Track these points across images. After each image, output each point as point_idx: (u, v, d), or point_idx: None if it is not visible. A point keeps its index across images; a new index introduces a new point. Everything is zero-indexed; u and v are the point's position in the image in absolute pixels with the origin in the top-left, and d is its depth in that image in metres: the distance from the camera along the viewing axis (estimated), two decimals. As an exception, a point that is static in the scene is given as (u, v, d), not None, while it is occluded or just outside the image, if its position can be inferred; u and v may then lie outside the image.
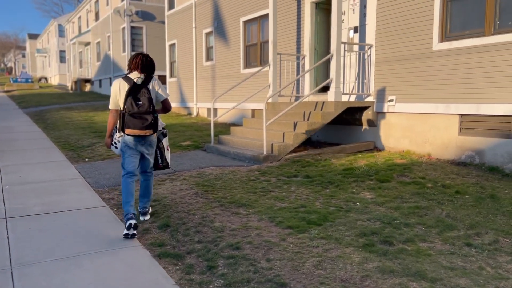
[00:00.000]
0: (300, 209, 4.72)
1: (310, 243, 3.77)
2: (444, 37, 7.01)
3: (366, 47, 8.32)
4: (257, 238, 3.92)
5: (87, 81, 34.98)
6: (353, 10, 8.69)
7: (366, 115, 8.26)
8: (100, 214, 4.78)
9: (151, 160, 4.54)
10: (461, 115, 6.82)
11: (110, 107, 4.38)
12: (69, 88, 36.86)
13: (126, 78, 4.30)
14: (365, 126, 8.51)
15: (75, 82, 35.06)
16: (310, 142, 9.14)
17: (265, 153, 7.37)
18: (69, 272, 3.29)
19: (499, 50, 6.21)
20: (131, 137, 4.29)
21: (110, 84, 28.99)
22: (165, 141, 4.71)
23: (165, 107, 4.49)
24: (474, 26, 6.62)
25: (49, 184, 6.12)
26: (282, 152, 7.46)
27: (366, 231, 4.01)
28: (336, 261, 3.41)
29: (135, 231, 4.02)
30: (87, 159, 8.09)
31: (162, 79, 25.98)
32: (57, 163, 7.69)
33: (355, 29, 8.66)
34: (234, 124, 12.87)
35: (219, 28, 13.81)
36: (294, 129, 7.88)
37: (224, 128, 12.10)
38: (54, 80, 49.59)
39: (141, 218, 4.61)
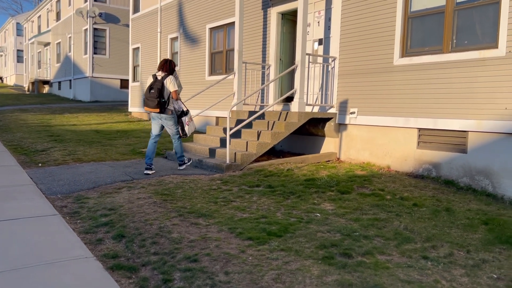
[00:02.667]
0: (261, 220, 4.66)
1: (270, 255, 3.70)
2: (405, 53, 7.21)
3: (330, 59, 8.44)
4: (216, 250, 3.81)
5: (46, 82, 33.74)
6: (318, 22, 8.81)
7: (329, 126, 8.35)
8: (51, 223, 4.52)
9: (171, 131, 6.96)
10: (420, 129, 7.01)
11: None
12: (26, 89, 35.43)
13: (153, 75, 6.78)
14: (327, 137, 8.59)
15: (33, 83, 33.72)
16: (273, 152, 9.14)
17: (228, 161, 7.29)
18: (13, 286, 3.06)
19: (456, 68, 6.45)
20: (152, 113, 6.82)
21: (70, 87, 28.13)
22: (184, 119, 6.94)
23: (172, 96, 6.73)
24: (433, 43, 6.85)
25: (-4, 190, 5.77)
26: (245, 161, 7.39)
27: (326, 243, 3.99)
28: (296, 274, 3.36)
29: (149, 172, 6.77)
30: (40, 164, 7.71)
31: (125, 84, 25.47)
32: (7, 168, 7.29)
33: (320, 41, 8.78)
34: (198, 132, 12.70)
35: (185, 34, 13.66)
36: (258, 138, 7.85)
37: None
38: (10, 81, 47.53)
39: (179, 168, 7.26)
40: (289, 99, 8.99)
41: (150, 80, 6.76)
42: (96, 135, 11.68)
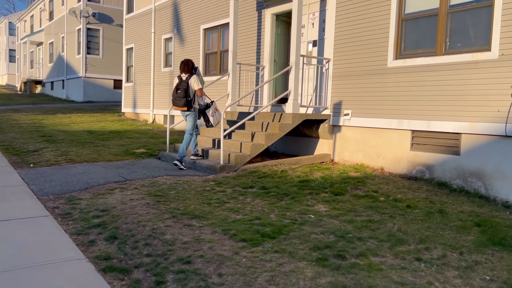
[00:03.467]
0: (255, 222, 4.64)
1: (263, 257, 3.69)
2: (398, 55, 7.24)
3: (324, 61, 8.45)
4: (209, 251, 3.79)
5: (38, 82, 33.49)
6: (313, 24, 8.82)
7: (323, 128, 8.35)
8: (43, 224, 4.47)
9: (188, 126, 7.53)
10: (413, 131, 7.04)
11: None
12: (18, 89, 35.15)
13: (179, 76, 7.39)
14: (321, 138, 8.60)
15: (25, 83, 33.46)
16: (267, 153, 9.13)
17: (221, 163, 7.26)
18: (2, 288, 3.02)
19: (449, 70, 6.48)
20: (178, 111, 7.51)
21: (63, 87, 27.95)
22: (208, 111, 7.56)
23: (197, 94, 7.36)
24: (426, 46, 6.88)
25: (-13, 190, 5.70)
26: (239, 162, 7.37)
27: (320, 245, 3.98)
28: (289, 276, 3.35)
29: (177, 163, 7.37)
30: (32, 165, 7.64)
31: (118, 84, 25.35)
32: (-2, 168, 7.21)
33: (314, 43, 8.79)
34: (191, 133, 12.66)
35: (179, 35, 13.62)
36: (252, 140, 7.83)
37: (181, 136, 11.88)
38: (2, 80, 47.14)
39: (191, 158, 7.73)
40: (284, 100, 8.99)
41: (176, 81, 7.41)
42: (89, 136, 11.60)
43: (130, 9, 17.29)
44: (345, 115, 8.04)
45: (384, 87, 7.38)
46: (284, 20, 9.98)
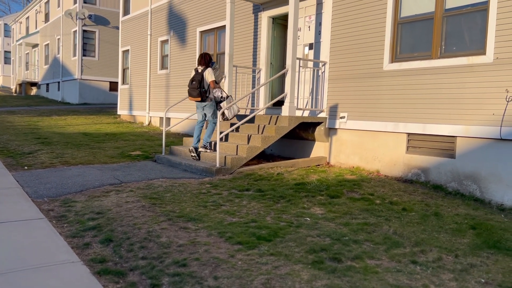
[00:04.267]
0: (251, 224, 4.63)
1: (259, 260, 3.68)
2: (394, 58, 7.27)
3: (320, 64, 8.47)
4: (205, 254, 3.78)
5: (33, 84, 33.37)
6: (309, 27, 8.84)
7: (319, 131, 8.37)
8: (37, 227, 4.44)
9: (208, 116, 7.88)
10: (409, 134, 7.06)
11: None
12: (13, 91, 35.00)
13: (195, 69, 7.73)
14: (318, 141, 8.61)
15: (20, 85, 33.32)
16: (264, 156, 9.13)
17: (217, 165, 7.25)
18: (-5, 292, 3.00)
19: (445, 73, 6.51)
20: (196, 102, 7.86)
21: (59, 89, 27.86)
22: (223, 104, 7.70)
23: (210, 86, 7.62)
24: (422, 49, 6.91)
25: (-19, 193, 5.66)
26: (235, 165, 7.37)
27: (316, 248, 3.98)
28: (285, 279, 3.34)
29: (195, 154, 7.77)
30: (26, 167, 7.59)
31: (114, 86, 25.31)
32: (-8, 171, 7.16)
33: (310, 46, 8.81)
34: (188, 135, 12.65)
35: (176, 37, 13.62)
36: (248, 142, 7.83)
37: (177, 138, 11.86)
38: (-3, 82, 46.84)
39: (199, 149, 7.94)
40: (280, 103, 9.00)
41: (193, 73, 7.77)
42: (84, 138, 11.56)
43: (126, 11, 17.28)
44: (341, 118, 8.05)
45: (380, 90, 7.40)
46: (280, 23, 10.00)
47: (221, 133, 7.79)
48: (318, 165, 8.20)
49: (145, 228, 4.44)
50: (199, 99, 7.61)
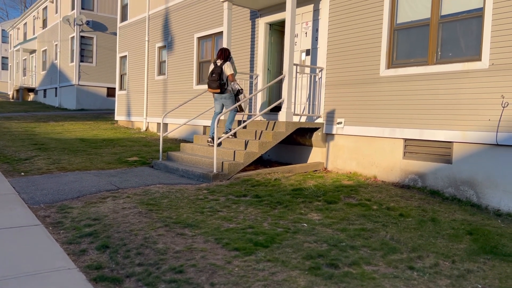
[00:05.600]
0: (248, 230, 4.62)
1: (256, 266, 3.67)
2: (391, 64, 7.30)
3: (317, 70, 8.50)
4: (202, 260, 3.77)
5: (31, 90, 33.33)
6: (306, 33, 8.88)
7: (316, 136, 8.38)
8: (33, 234, 4.43)
9: (228, 107, 8.17)
10: (406, 140, 7.08)
11: None
12: (10, 96, 34.96)
13: (214, 62, 8.10)
14: (315, 146, 8.62)
15: (17, 91, 33.29)
16: (261, 161, 9.13)
17: (215, 171, 7.25)
18: (-10, 299, 2.98)
19: (441, 79, 6.54)
20: (215, 94, 8.22)
21: (56, 95, 27.84)
22: (240, 96, 8.14)
23: (229, 79, 7.99)
24: (418, 55, 6.95)
25: (-23, 199, 5.64)
26: (233, 170, 7.36)
27: (313, 254, 3.98)
28: (282, 285, 3.33)
29: (211, 143, 8.10)
30: (23, 173, 7.57)
31: (112, 92, 25.31)
32: (-11, 177, 7.14)
33: (307, 52, 8.84)
34: (185, 140, 12.65)
35: (173, 43, 13.65)
36: (246, 148, 7.83)
37: (174, 144, 11.85)
38: (-6, 88, 46.77)
39: (222, 134, 8.35)
40: (277, 108, 9.01)
41: (211, 67, 8.13)
42: (82, 144, 11.54)
43: (124, 18, 17.32)
44: (338, 123, 8.07)
45: (377, 96, 7.43)
46: (277, 29, 10.04)
47: (218, 138, 7.79)
48: (316, 170, 8.20)
49: (141, 234, 4.42)
50: (218, 90, 7.98)
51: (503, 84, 5.85)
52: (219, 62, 8.06)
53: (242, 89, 8.27)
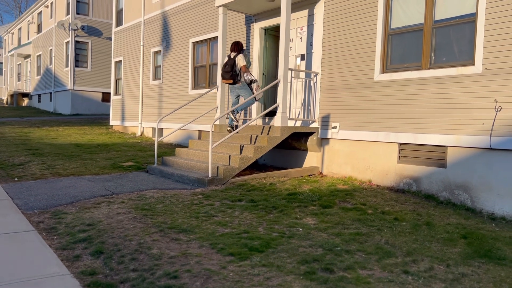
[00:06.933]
0: (243, 235, 4.61)
1: (251, 271, 3.66)
2: (385, 69, 7.34)
3: (312, 75, 8.53)
4: (196, 266, 3.75)
5: (25, 95, 33.19)
6: (301, 38, 8.92)
7: (311, 141, 8.39)
8: (27, 240, 4.39)
9: (245, 96, 8.51)
10: (400, 144, 7.10)
11: None
12: (5, 101, 34.79)
13: (228, 55, 8.50)
14: (310, 151, 8.63)
15: (12, 96, 33.15)
16: (256, 166, 9.12)
17: (210, 176, 7.24)
18: (-18, 306, 2.95)
19: (435, 84, 6.58)
20: (229, 85, 8.67)
21: (51, 100, 27.73)
22: (253, 86, 8.42)
23: (242, 70, 8.35)
24: (412, 60, 7.00)
25: (-30, 205, 5.59)
26: (228, 175, 7.35)
27: (308, 258, 3.97)
28: (277, 290, 3.32)
29: (230, 128, 8.45)
30: (17, 179, 7.52)
31: (107, 97, 25.25)
32: (-18, 182, 7.08)
33: (302, 57, 8.88)
34: (180, 145, 12.63)
35: (168, 48, 13.66)
36: (241, 152, 7.83)
37: (169, 149, 11.83)
38: (-12, 93, 46.53)
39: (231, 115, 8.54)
40: (272, 113, 9.03)
41: (225, 59, 8.55)
42: (76, 149, 11.49)
43: (119, 22, 17.32)
44: (333, 128, 8.09)
45: (371, 101, 7.46)
46: (272, 34, 10.08)
47: (214, 143, 7.78)
48: (311, 175, 8.21)
49: (136, 239, 4.40)
50: (231, 81, 8.37)
51: (496, 89, 5.89)
52: (232, 55, 8.42)
53: (255, 79, 8.53)
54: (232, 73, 8.32)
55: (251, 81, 8.53)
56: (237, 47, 8.45)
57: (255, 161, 7.91)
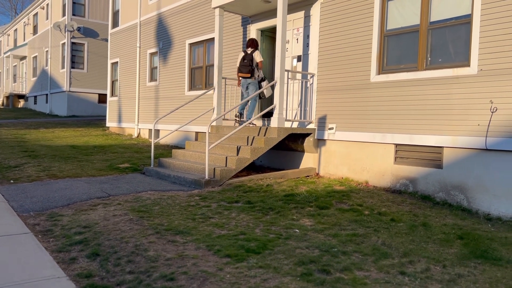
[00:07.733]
0: (240, 237, 4.61)
1: (248, 273, 3.66)
2: (381, 70, 7.36)
3: (309, 76, 8.54)
4: (193, 268, 3.74)
5: (21, 96, 33.08)
6: (297, 39, 8.93)
7: (308, 142, 8.40)
8: (22, 242, 4.37)
9: (251, 93, 8.74)
10: (396, 145, 7.12)
11: None
12: (0, 103, 34.63)
13: (244, 51, 8.78)
14: (307, 152, 8.64)
15: (7, 97, 33.03)
16: (253, 167, 9.12)
17: (207, 177, 7.23)
18: (-23, 309, 2.93)
19: (431, 85, 6.61)
20: (242, 79, 8.90)
21: (47, 101, 27.65)
22: (262, 84, 8.73)
23: (258, 65, 8.67)
24: (408, 61, 7.02)
25: (-35, 207, 5.56)
26: (225, 176, 7.35)
27: (305, 260, 3.97)
28: (274, 291, 3.32)
29: (239, 114, 8.87)
30: (12, 181, 7.49)
31: (103, 98, 25.20)
32: (-23, 184, 7.05)
33: (299, 58, 8.88)
34: (177, 147, 12.61)
35: (165, 49, 13.64)
36: (238, 154, 7.83)
37: (166, 150, 11.80)
38: (-16, 94, 46.29)
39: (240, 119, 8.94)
40: (269, 114, 9.04)
41: (241, 55, 8.84)
42: (72, 151, 11.45)
43: (115, 24, 17.29)
44: (329, 129, 8.10)
45: (368, 102, 7.48)
46: (269, 35, 10.08)
47: (210, 144, 7.77)
48: (308, 176, 8.21)
49: (132, 241, 4.39)
50: (249, 75, 8.70)
51: (492, 90, 5.92)
52: (249, 50, 8.72)
53: (265, 77, 8.91)
54: (250, 67, 8.65)
55: (262, 78, 8.87)
56: (253, 44, 8.76)
57: (252, 162, 7.91)
